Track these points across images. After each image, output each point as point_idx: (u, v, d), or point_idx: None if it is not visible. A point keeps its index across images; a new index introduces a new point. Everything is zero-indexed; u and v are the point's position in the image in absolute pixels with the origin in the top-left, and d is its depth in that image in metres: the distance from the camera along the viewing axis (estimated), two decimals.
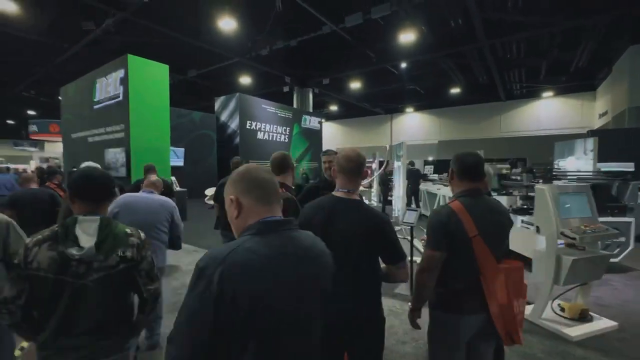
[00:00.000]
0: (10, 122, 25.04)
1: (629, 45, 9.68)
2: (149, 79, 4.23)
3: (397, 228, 2.54)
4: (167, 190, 4.27)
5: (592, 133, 8.82)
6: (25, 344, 2.51)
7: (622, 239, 4.09)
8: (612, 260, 4.14)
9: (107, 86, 4.49)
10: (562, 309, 3.16)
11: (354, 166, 1.49)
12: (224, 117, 8.62)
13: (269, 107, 9.32)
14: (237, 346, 0.78)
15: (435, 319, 1.54)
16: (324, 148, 24.56)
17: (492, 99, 16.97)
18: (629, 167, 5.79)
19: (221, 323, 0.76)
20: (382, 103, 18.98)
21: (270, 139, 9.34)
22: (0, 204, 3.36)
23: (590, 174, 4.66)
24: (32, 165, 10.07)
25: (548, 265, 2.98)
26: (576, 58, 11.20)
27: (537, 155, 14.68)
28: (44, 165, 8.21)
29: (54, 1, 7.57)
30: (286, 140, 9.95)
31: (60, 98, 6.98)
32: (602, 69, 12.87)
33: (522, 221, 4.26)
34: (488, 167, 2.18)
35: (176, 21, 8.51)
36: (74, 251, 1.19)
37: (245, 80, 13.59)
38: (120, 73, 4.16)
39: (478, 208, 1.51)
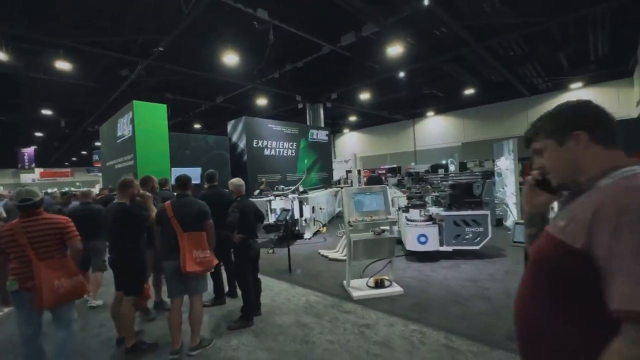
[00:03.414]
0: (83, 152, 29.63)
1: None
2: (151, 117, 5.42)
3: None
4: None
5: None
6: None
7: (481, 229, 4.27)
8: (473, 248, 4.38)
9: (123, 125, 5.80)
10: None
11: (121, 186, 2.93)
12: (234, 138, 9.82)
13: (274, 126, 10.34)
14: None
15: None
16: (347, 157, 24.94)
17: (515, 96, 16.29)
18: None
19: None
20: (401, 109, 19.15)
21: (277, 154, 10.33)
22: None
23: (463, 175, 4.94)
24: (96, 188, 12.35)
25: (348, 245, 3.94)
26: (591, 48, 10.64)
27: None
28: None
29: (98, 57, 9.45)
30: (293, 154, 10.87)
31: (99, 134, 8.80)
32: (632, 55, 11.88)
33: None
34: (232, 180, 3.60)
35: (191, 61, 10.02)
36: None
37: (262, 101, 14.96)
38: (130, 115, 5.40)
39: (179, 203, 2.85)
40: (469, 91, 15.05)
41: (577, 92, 15.13)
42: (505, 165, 5.92)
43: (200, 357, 2.78)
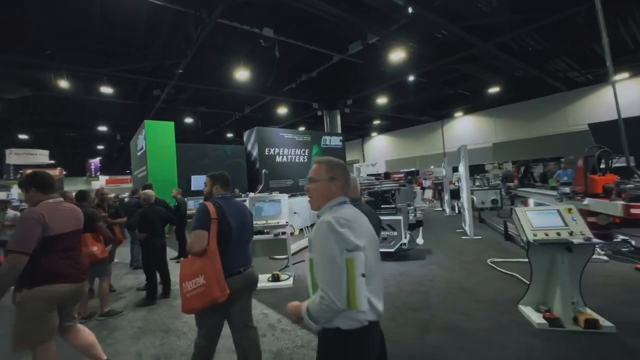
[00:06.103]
0: None
1: None
2: (160, 133, 6.31)
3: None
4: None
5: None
6: None
7: (395, 234, 4.26)
8: (388, 250, 4.38)
9: (141, 140, 6.80)
10: None
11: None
12: (249, 147, 10.62)
13: (286, 134, 10.96)
14: None
15: None
16: (375, 161, 24.95)
17: (552, 91, 15.08)
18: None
19: None
20: (427, 111, 18.72)
21: (289, 161, 10.92)
22: None
23: (385, 183, 4.92)
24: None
25: None
26: (625, 36, 9.68)
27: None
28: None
29: (134, 81, 10.91)
30: (305, 161, 11.38)
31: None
32: None
33: None
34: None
35: (211, 78, 11.06)
36: None
37: (283, 110, 15.77)
38: (143, 132, 6.35)
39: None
40: (494, 89, 14.33)
41: (623, 83, 13.61)
42: (462, 171, 5.79)
43: (102, 322, 3.69)
